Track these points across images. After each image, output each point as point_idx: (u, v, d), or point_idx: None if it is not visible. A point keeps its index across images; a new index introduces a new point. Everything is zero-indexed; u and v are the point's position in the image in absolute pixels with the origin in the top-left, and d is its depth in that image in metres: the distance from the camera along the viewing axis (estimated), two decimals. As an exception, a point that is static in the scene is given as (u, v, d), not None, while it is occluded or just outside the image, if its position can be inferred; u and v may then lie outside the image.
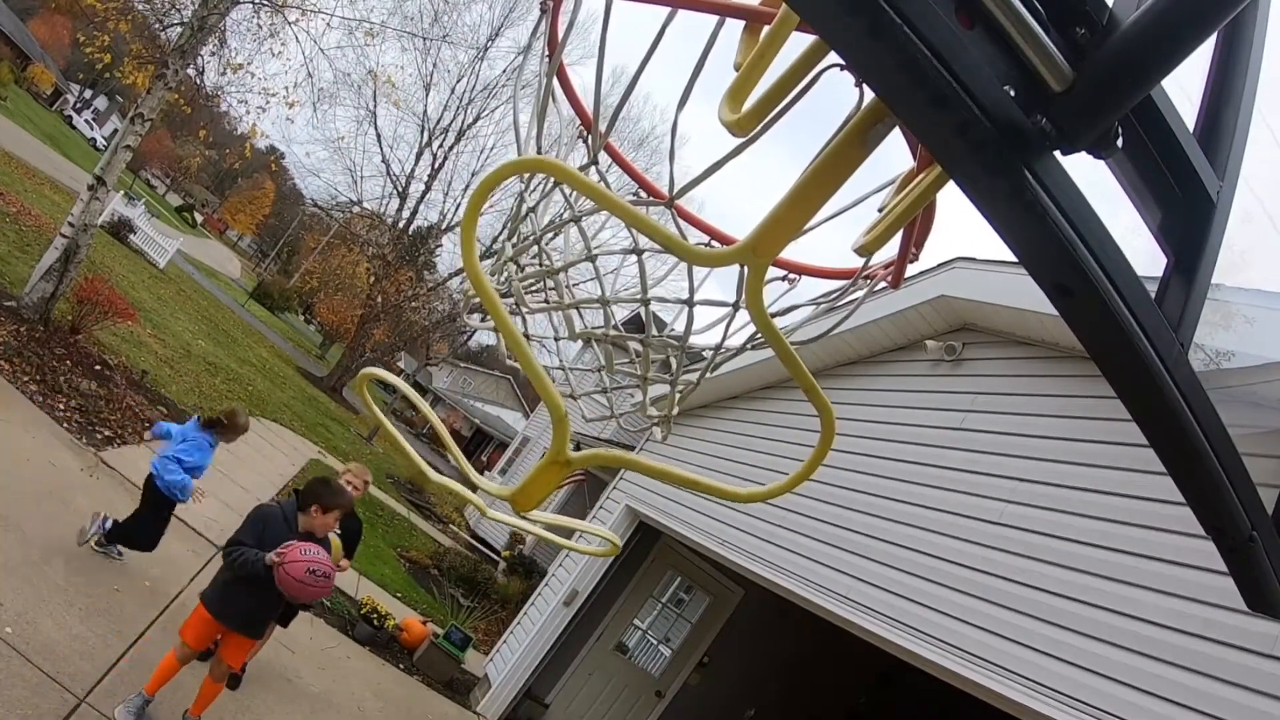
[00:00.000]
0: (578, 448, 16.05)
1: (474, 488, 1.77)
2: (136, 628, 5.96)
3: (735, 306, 1.59)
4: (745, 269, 1.07)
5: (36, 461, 7.32)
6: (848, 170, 0.97)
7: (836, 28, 0.71)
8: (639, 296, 1.68)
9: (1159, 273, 1.09)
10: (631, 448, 11.07)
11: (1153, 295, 0.99)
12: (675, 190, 1.39)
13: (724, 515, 7.70)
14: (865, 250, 1.18)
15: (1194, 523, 1.24)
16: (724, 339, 1.73)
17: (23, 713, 4.47)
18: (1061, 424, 5.02)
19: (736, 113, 1.04)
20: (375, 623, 9.41)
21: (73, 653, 5.20)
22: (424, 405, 1.87)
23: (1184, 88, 1.04)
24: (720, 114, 1.05)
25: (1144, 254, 1.06)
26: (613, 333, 1.83)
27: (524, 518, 1.51)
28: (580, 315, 1.95)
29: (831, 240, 1.97)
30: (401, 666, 9.29)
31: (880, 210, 1.31)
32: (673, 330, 1.84)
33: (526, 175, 1.81)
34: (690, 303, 1.65)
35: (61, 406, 8.91)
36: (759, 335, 1.79)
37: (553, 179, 1.76)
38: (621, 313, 1.95)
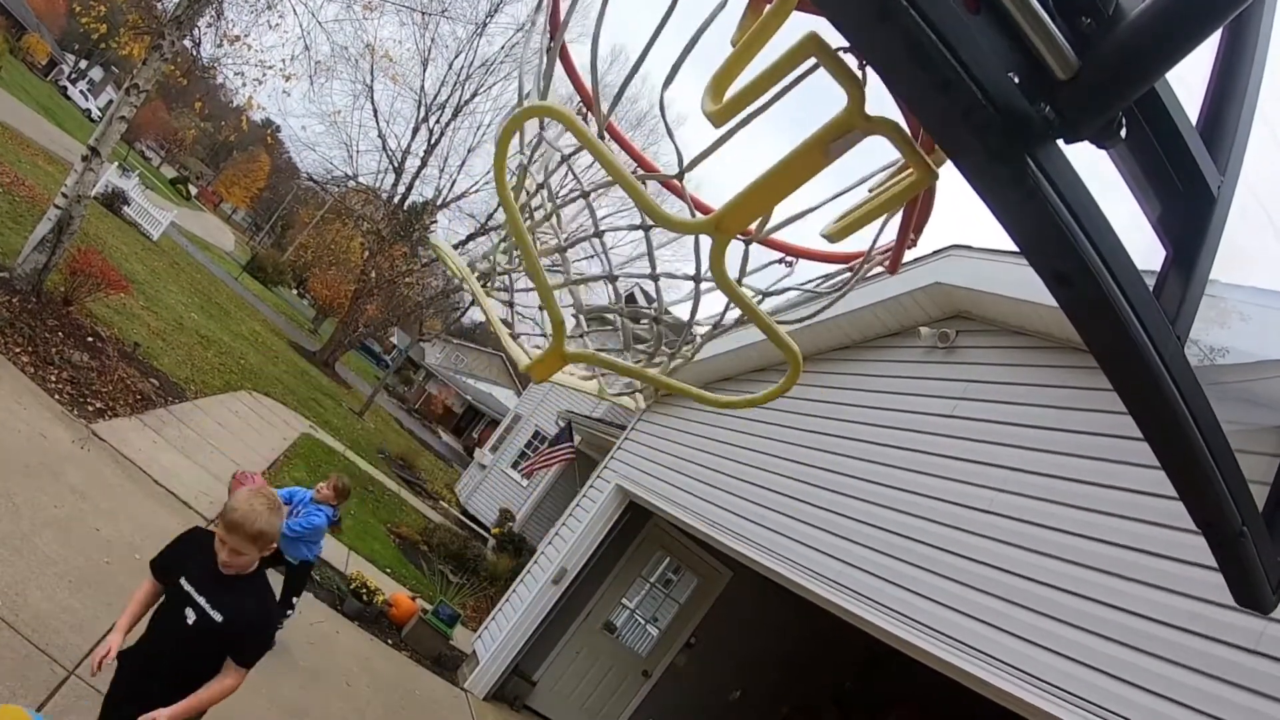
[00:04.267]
0: (568, 426, 16.08)
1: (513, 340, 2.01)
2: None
3: (697, 280, 1.61)
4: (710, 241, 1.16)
5: (27, 433, 7.30)
6: (808, 174, 1.01)
7: (843, 9, 0.70)
8: (645, 271, 1.77)
9: (1155, 266, 1.09)
10: (623, 428, 11.07)
11: (1150, 288, 0.98)
12: (684, 166, 1.42)
13: (714, 497, 7.73)
14: (833, 238, 1.21)
15: (1182, 517, 1.25)
16: (693, 313, 1.77)
17: (11, 684, 4.47)
18: (1054, 414, 5.03)
19: (718, 103, 1.06)
20: (364, 598, 9.44)
21: (62, 625, 5.20)
22: (472, 281, 2.03)
23: (1187, 82, 1.04)
24: (702, 104, 1.07)
25: (1141, 247, 1.05)
26: (619, 308, 1.93)
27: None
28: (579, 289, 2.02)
29: (826, 221, 1.98)
30: (390, 642, 9.32)
31: (870, 191, 1.32)
32: (668, 314, 1.87)
33: (529, 148, 1.89)
34: (654, 276, 1.76)
35: (53, 378, 8.88)
36: (732, 313, 1.86)
37: (556, 159, 1.87)
38: (601, 289, 2.03)
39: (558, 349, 1.49)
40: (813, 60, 0.98)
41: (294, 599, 7.30)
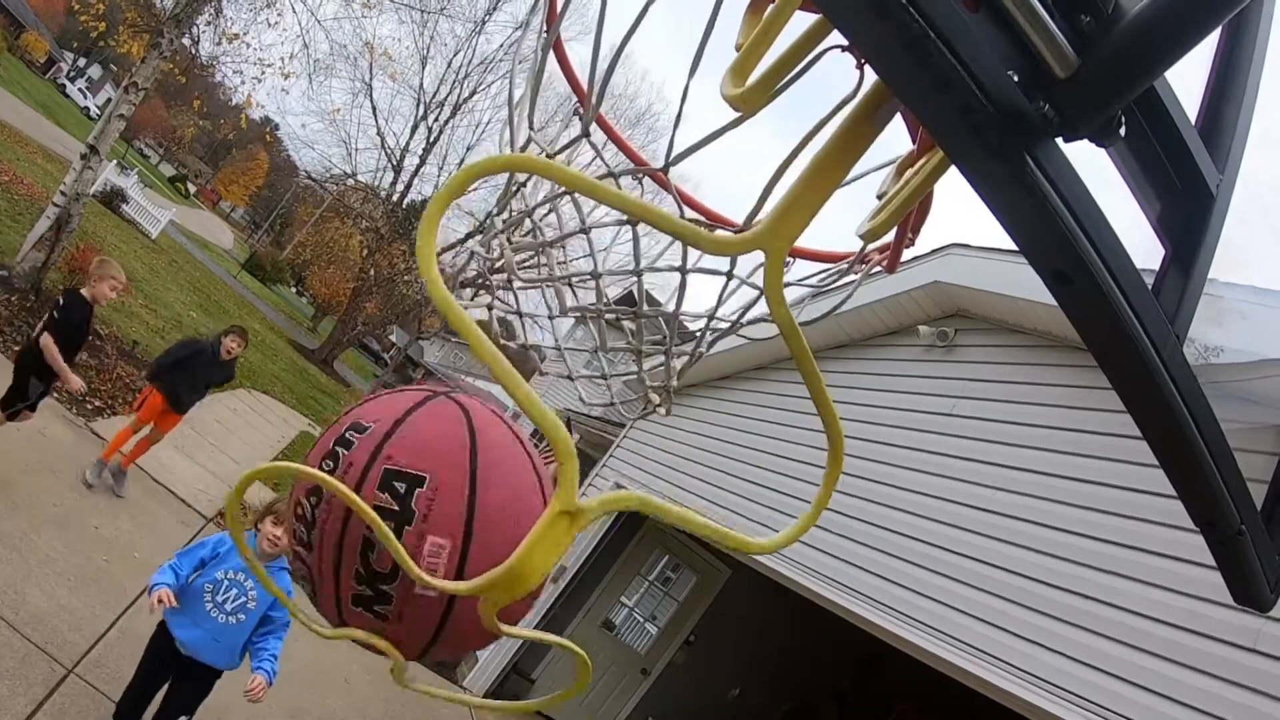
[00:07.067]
0: (568, 425, 16.13)
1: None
2: (125, 598, 5.95)
3: (729, 275, 1.57)
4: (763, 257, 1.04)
5: (26, 431, 7.29)
6: (860, 148, 0.96)
7: (841, 7, 0.70)
8: (631, 268, 1.65)
9: (1155, 265, 1.08)
10: (622, 426, 11.06)
11: (1150, 287, 0.98)
12: (669, 158, 1.35)
13: (712, 495, 7.72)
14: (872, 235, 1.17)
15: (1180, 515, 1.25)
16: (718, 304, 1.72)
17: (11, 683, 4.47)
18: (1052, 413, 5.04)
19: (741, 87, 1.03)
20: (363, 597, 9.42)
21: (61, 623, 5.20)
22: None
23: (1186, 80, 1.03)
24: (723, 89, 1.03)
25: (1141, 246, 1.05)
26: (604, 308, 1.81)
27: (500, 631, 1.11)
28: (574, 292, 1.93)
29: (825, 223, 1.96)
30: (389, 641, 9.30)
31: (879, 196, 1.30)
32: (667, 308, 1.83)
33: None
34: (683, 270, 1.61)
35: (51, 375, 8.86)
36: (752, 315, 1.78)
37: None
38: (614, 291, 1.94)
39: (565, 504, 0.92)
40: (832, 40, 0.95)
41: None
